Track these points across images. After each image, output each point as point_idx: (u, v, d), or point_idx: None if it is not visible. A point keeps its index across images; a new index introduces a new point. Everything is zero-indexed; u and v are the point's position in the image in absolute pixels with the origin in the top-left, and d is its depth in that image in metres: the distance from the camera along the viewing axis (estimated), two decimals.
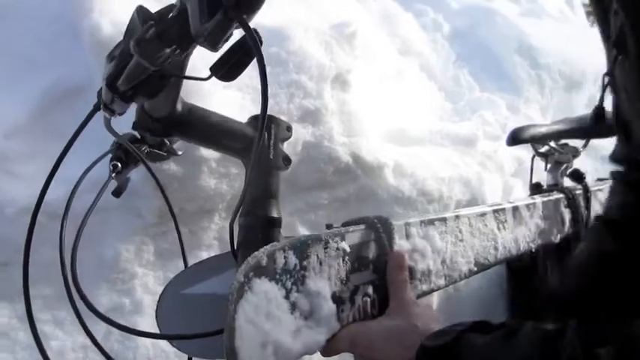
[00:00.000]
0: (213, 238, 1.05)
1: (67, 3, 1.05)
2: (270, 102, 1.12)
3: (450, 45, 2.61)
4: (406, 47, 2.28)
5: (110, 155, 0.78)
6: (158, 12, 0.46)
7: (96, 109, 0.59)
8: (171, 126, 0.61)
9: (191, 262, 1.04)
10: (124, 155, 0.74)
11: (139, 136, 0.76)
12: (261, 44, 0.43)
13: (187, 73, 0.57)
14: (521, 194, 1.63)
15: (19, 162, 0.99)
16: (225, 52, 0.44)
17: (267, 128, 0.65)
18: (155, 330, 1.00)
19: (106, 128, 0.64)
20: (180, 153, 0.85)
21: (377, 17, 2.23)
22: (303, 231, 1.12)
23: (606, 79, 0.56)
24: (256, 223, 0.61)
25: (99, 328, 1.00)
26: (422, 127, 1.51)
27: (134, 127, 0.63)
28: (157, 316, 0.68)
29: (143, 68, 0.46)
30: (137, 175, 0.94)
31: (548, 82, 2.77)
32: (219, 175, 0.99)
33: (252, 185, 0.63)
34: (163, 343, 1.03)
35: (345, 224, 0.68)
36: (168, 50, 0.44)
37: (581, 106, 2.97)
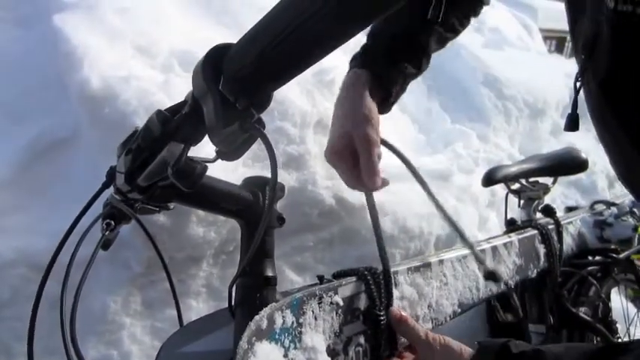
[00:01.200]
0: (201, 286, 1.05)
1: (53, 54, 1.06)
2: (254, 147, 1.15)
3: (421, 78, 2.70)
4: None
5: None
6: (171, 108, 0.49)
7: (105, 186, 0.61)
8: (172, 193, 0.63)
9: (182, 311, 1.04)
10: (116, 212, 0.75)
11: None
12: (264, 128, 0.46)
13: None
14: (495, 225, 1.69)
15: (3, 215, 0.98)
16: (230, 136, 0.47)
17: (261, 190, 0.68)
18: None
19: (110, 199, 0.66)
20: (171, 207, 0.86)
21: (350, 53, 2.30)
22: (290, 273, 1.14)
23: (578, 84, 0.59)
24: (253, 283, 0.63)
25: None
26: (399, 163, 1.56)
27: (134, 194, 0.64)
28: None
29: (164, 170, 0.49)
30: (126, 226, 0.94)
31: (514, 112, 2.90)
32: (207, 224, 1.00)
33: (250, 246, 0.65)
34: None
35: (336, 275, 0.71)
36: (199, 167, 0.47)
37: (546, 133, 3.12)
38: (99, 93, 0.97)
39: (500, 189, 1.89)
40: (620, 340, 1.32)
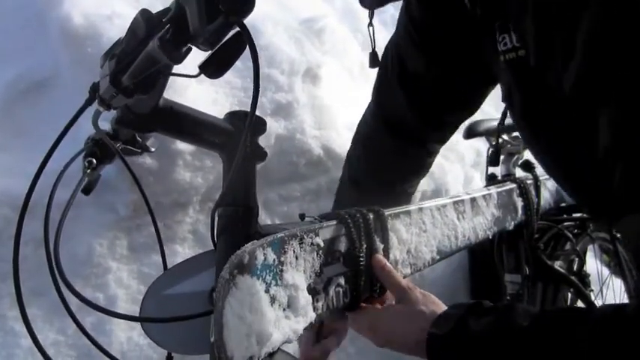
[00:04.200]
0: (187, 232, 1.05)
1: None
2: (242, 95, 1.14)
3: None
4: (368, 42, 2.32)
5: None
6: (157, 14, 0.48)
7: (88, 103, 0.60)
8: (154, 121, 0.63)
9: (168, 257, 1.05)
10: (98, 151, 0.74)
11: (111, 133, 0.77)
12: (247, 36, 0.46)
13: None
14: (479, 184, 1.72)
15: None
16: (214, 51, 0.46)
17: (244, 123, 0.68)
18: (135, 323, 1.01)
19: (92, 123, 0.65)
20: (153, 149, 0.86)
21: (340, 12, 2.26)
22: (275, 222, 1.15)
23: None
24: (235, 213, 0.64)
25: (69, 325, 0.99)
26: None
27: (117, 123, 0.64)
28: (136, 320, 0.70)
29: (149, 65, 0.48)
30: (111, 169, 0.93)
31: None
32: (194, 169, 1.00)
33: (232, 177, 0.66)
34: (138, 338, 1.03)
35: (321, 217, 0.72)
36: (184, 49, 0.46)
37: None
38: (81, 31, 0.94)
39: (484, 146, 1.92)
40: (592, 294, 1.37)
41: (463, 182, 1.61)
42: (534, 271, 1.22)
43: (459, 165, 1.62)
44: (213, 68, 0.49)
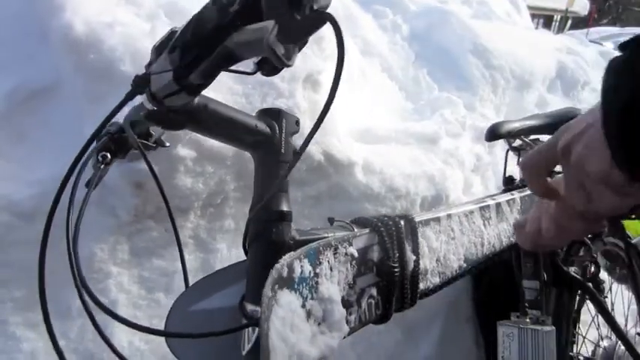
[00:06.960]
0: (188, 237, 1.05)
1: (31, 2, 1.02)
2: (243, 101, 1.14)
3: (409, 46, 2.69)
4: (367, 48, 2.34)
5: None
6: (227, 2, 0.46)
7: (129, 97, 0.56)
8: (186, 118, 0.59)
9: (169, 262, 1.04)
10: (113, 146, 0.73)
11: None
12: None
13: None
14: (479, 191, 1.71)
15: None
16: (291, 30, 0.44)
17: (277, 121, 0.66)
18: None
19: (124, 121, 0.64)
20: (167, 144, 0.84)
21: (339, 18, 2.27)
22: None
23: None
24: (269, 218, 0.61)
25: (72, 329, 0.99)
26: (387, 126, 1.57)
27: (147, 118, 0.60)
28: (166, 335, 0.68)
29: (228, 63, 0.46)
30: (112, 173, 0.93)
31: (501, 82, 2.90)
32: (195, 174, 1.00)
33: (264, 179, 0.63)
34: (139, 343, 1.03)
35: (352, 222, 0.70)
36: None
37: (532, 105, 3.14)
38: (83, 39, 0.94)
39: (485, 154, 1.92)
40: (607, 300, 1.34)
41: (463, 187, 1.61)
42: (552, 277, 1.20)
43: (459, 170, 1.62)
44: (270, 65, 0.47)
